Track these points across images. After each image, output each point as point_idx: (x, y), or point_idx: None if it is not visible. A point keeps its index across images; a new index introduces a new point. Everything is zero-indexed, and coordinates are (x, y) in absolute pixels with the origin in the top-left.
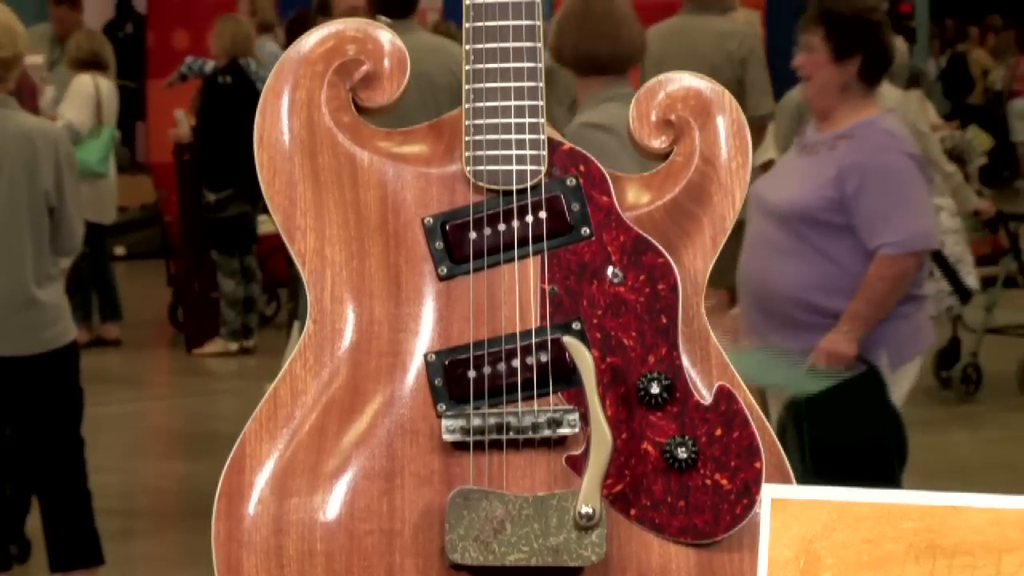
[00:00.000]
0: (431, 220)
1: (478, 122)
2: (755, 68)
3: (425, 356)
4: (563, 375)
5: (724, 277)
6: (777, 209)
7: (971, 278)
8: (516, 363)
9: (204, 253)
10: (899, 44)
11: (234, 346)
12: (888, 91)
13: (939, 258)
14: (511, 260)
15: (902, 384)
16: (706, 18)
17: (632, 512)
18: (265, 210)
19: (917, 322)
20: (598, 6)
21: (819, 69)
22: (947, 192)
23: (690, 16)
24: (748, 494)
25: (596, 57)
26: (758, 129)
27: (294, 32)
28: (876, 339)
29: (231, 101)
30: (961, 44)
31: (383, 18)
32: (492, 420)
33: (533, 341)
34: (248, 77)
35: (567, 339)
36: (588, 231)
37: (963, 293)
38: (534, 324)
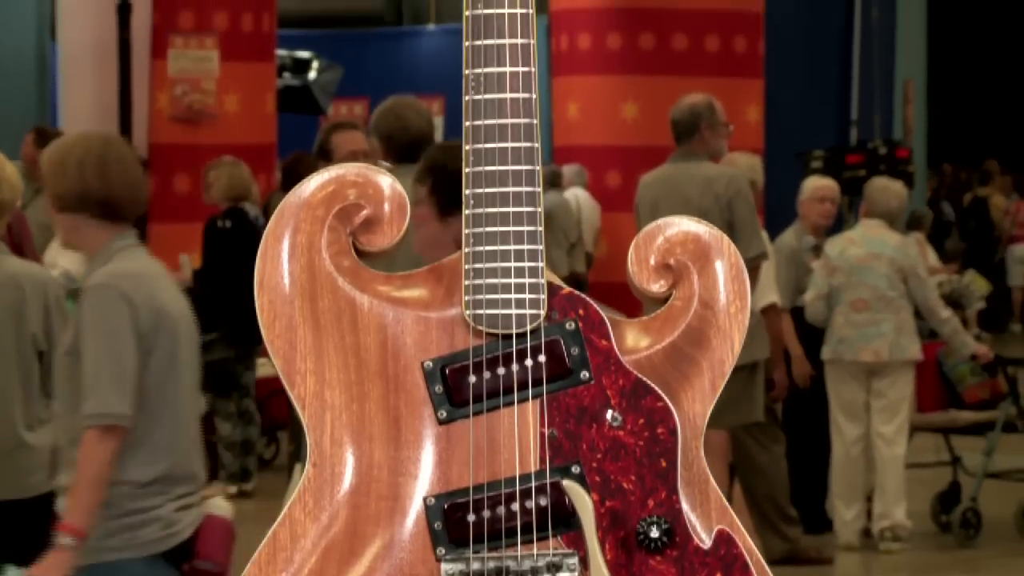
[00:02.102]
0: (431, 364)
1: (478, 266)
2: (741, 209)
3: (424, 500)
4: (563, 518)
5: (724, 417)
6: None
7: None
8: (516, 507)
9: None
10: (899, 188)
11: (232, 489)
12: (887, 235)
13: None
14: (511, 404)
15: None
16: (693, 164)
17: None
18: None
19: None
20: (117, 150)
21: (425, 222)
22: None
23: (678, 163)
24: None
25: (118, 204)
26: (750, 271)
27: (290, 175)
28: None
29: (231, 245)
30: (982, 188)
31: (384, 163)
32: (492, 564)
33: (533, 485)
34: (248, 221)
35: (567, 483)
36: (587, 375)
37: None
38: (534, 467)
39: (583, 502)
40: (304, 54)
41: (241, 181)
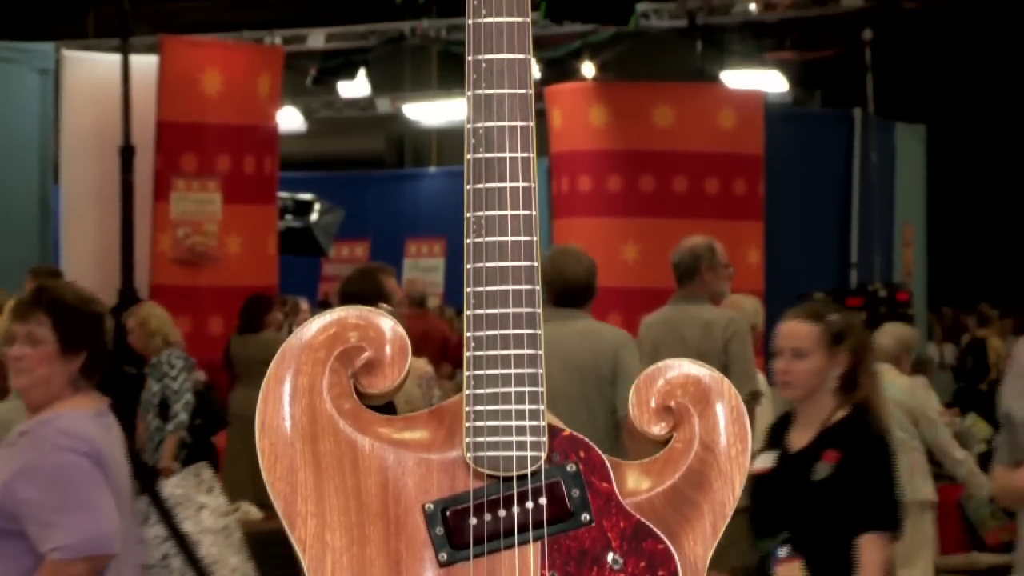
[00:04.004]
0: (431, 506)
1: (479, 408)
2: (736, 348)
3: None
4: None
5: (726, 560)
6: None
7: (189, 522)
8: None
9: None
10: (894, 329)
11: None
12: (895, 378)
13: (176, 533)
14: (511, 546)
15: None
16: (694, 307)
17: None
18: None
19: None
20: None
21: (42, 363)
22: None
23: (679, 305)
24: None
25: None
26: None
27: (247, 316)
28: None
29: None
30: (981, 330)
31: (385, 306)
32: None
33: None
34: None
35: None
36: (588, 517)
37: (180, 540)
38: None
39: None
40: (306, 196)
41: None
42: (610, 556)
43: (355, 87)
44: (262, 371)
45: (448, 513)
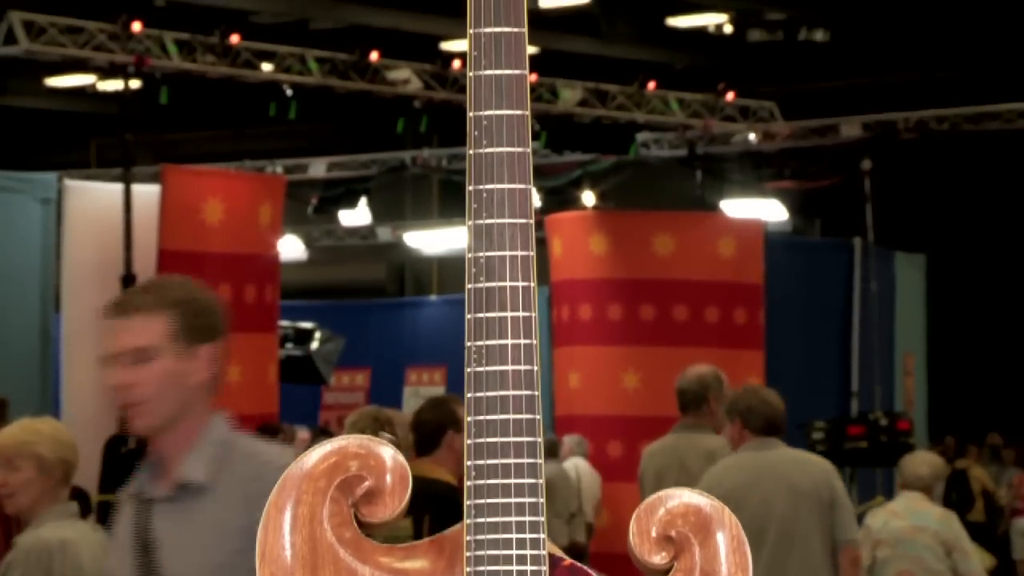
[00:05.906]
0: None
1: (479, 537)
2: None
3: None
4: None
5: None
6: None
7: None
8: None
9: None
10: (928, 458)
11: None
12: (929, 509)
13: None
14: None
15: None
16: (697, 436)
17: None
18: None
19: None
20: None
21: None
22: None
23: (682, 434)
24: None
25: None
26: None
27: None
28: None
29: None
30: (960, 460)
31: (385, 434)
32: None
33: None
34: None
35: None
36: None
37: None
38: None
39: None
40: (306, 324)
41: None
42: None
43: (356, 216)
44: None
45: None
